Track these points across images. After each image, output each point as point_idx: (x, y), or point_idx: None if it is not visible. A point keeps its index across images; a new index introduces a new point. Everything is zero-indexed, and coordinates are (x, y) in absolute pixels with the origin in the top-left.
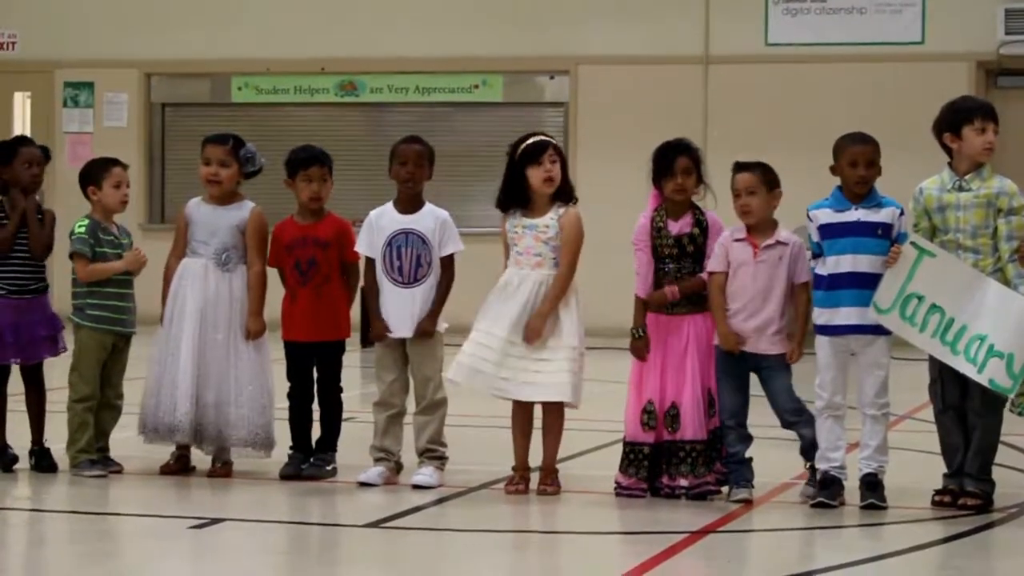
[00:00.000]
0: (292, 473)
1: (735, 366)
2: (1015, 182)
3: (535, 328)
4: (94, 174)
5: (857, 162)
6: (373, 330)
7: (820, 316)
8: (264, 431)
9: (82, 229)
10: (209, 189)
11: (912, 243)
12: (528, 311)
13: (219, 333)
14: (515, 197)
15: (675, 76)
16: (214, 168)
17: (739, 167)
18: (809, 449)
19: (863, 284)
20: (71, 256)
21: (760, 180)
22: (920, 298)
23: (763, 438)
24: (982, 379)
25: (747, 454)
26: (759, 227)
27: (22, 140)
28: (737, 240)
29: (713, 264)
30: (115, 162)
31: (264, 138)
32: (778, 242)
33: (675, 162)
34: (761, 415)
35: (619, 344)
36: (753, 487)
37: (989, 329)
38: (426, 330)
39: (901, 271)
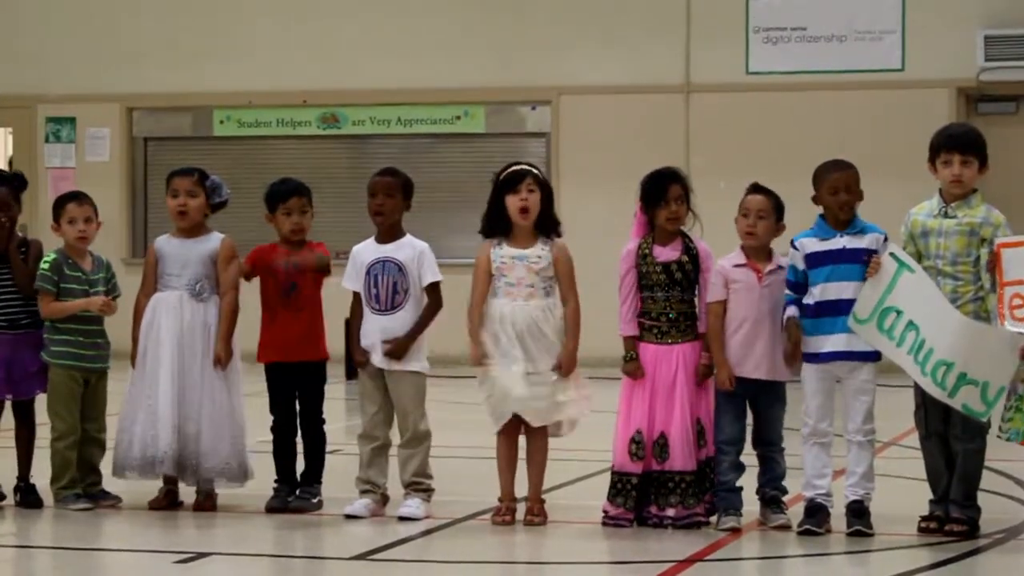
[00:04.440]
0: (278, 506)
1: (736, 393)
2: (997, 206)
3: (571, 364)
4: (55, 211)
5: (838, 189)
6: (354, 356)
7: (807, 344)
8: (236, 461)
9: (46, 265)
10: (178, 221)
11: (891, 254)
12: (538, 340)
13: (196, 363)
14: (497, 224)
15: (657, 105)
16: (182, 199)
17: (755, 188)
18: (780, 478)
19: (848, 311)
20: (34, 291)
21: (772, 207)
22: (899, 312)
23: (751, 466)
24: (954, 403)
25: (738, 483)
26: (759, 253)
27: None
28: (737, 266)
29: (712, 294)
30: (71, 197)
31: (246, 171)
32: (779, 267)
33: (668, 190)
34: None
35: (604, 373)
36: (741, 515)
37: (956, 357)
38: (393, 351)
39: (880, 283)
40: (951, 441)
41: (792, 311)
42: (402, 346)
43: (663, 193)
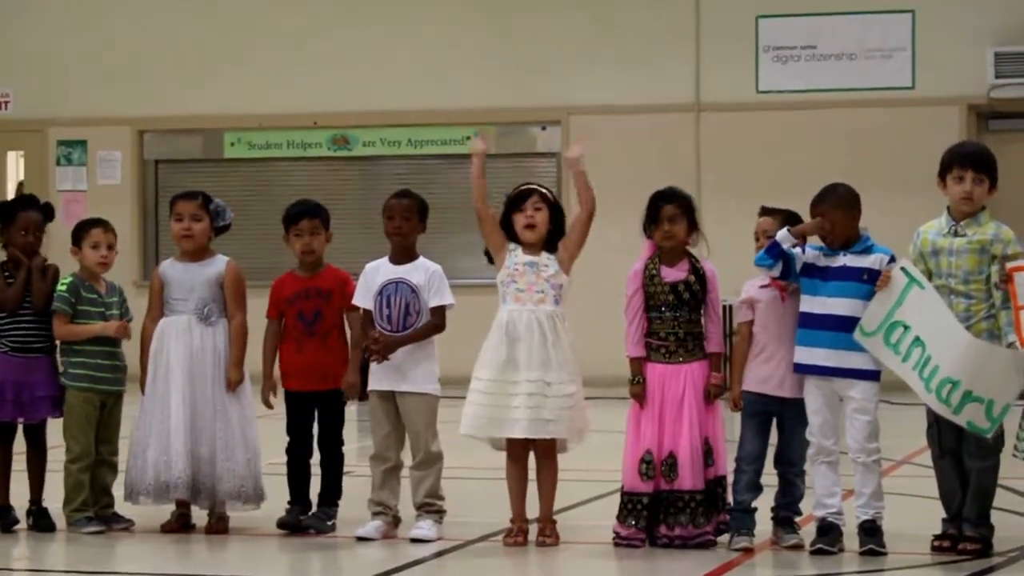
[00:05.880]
0: (290, 521)
1: (760, 411)
2: (1006, 223)
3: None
4: (77, 235)
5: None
6: (369, 338)
7: (797, 354)
8: (250, 483)
9: (63, 287)
10: (182, 245)
11: (902, 269)
12: (548, 346)
13: (207, 387)
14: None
15: (667, 124)
16: (187, 223)
17: (763, 211)
18: (797, 501)
19: (840, 327)
20: (51, 313)
21: (780, 224)
22: (906, 327)
23: (769, 486)
24: (959, 420)
25: (753, 504)
26: None
27: (21, 203)
28: (762, 287)
29: (740, 316)
30: (97, 223)
31: (257, 193)
32: None
33: (661, 210)
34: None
35: (615, 393)
36: (754, 535)
37: (963, 376)
38: (381, 347)
39: (890, 296)
40: (965, 459)
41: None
42: (391, 344)
43: (657, 212)
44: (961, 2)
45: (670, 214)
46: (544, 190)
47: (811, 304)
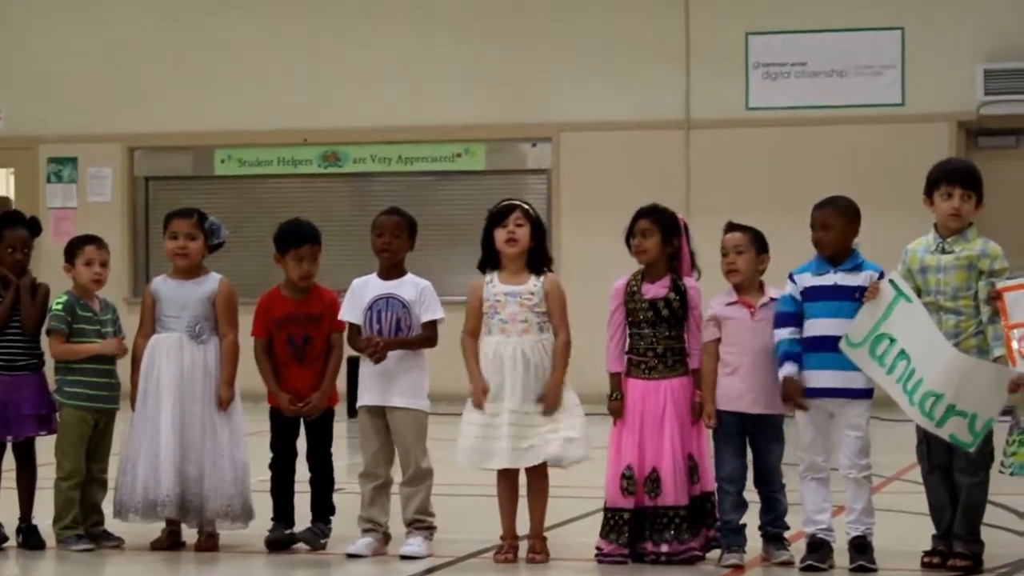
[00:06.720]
0: (278, 538)
1: (735, 430)
2: (996, 240)
3: (554, 398)
4: (70, 252)
5: (813, 226)
6: (361, 345)
7: (807, 379)
8: (238, 502)
9: (59, 306)
10: (176, 262)
11: (891, 281)
12: (530, 376)
13: (196, 405)
14: (487, 259)
15: (657, 141)
16: (182, 242)
17: (730, 227)
18: (782, 516)
19: (835, 348)
20: (47, 332)
21: (749, 240)
22: (892, 340)
23: (754, 502)
24: (942, 433)
25: (741, 521)
26: (748, 289)
27: (7, 220)
28: (729, 304)
29: (705, 335)
30: (90, 240)
31: (248, 210)
32: (772, 299)
33: (635, 224)
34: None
35: (601, 410)
36: (744, 552)
37: (947, 389)
38: (377, 349)
39: (877, 308)
40: (955, 475)
41: (790, 369)
42: (389, 343)
43: (631, 227)
44: (951, 19)
45: (642, 228)
46: (527, 206)
47: (807, 328)
